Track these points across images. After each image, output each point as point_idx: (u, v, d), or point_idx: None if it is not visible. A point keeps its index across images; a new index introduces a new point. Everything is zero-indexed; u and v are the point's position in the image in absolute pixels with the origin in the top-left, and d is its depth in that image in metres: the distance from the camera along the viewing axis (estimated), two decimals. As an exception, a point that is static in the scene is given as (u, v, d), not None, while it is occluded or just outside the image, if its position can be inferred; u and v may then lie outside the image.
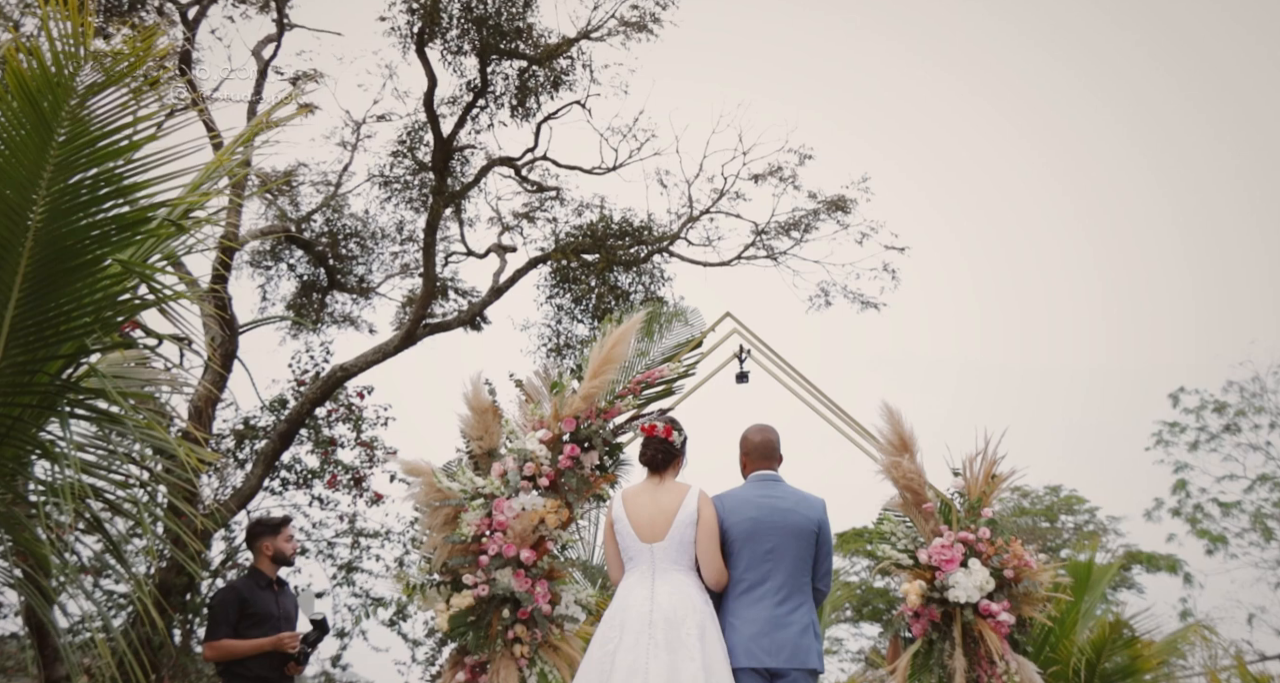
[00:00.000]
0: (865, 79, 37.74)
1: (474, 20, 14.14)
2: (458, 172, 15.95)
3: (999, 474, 5.83)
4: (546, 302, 16.31)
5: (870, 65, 37.19)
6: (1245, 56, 38.02)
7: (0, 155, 3.51)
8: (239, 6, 14.37)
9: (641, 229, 15.74)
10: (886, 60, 37.22)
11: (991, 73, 38.74)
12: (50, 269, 3.64)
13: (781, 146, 15.70)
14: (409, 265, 16.75)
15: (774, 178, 15.67)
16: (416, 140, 15.85)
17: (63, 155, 3.63)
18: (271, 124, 5.09)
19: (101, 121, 3.88)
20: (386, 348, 14.36)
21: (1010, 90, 38.25)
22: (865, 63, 37.34)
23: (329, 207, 15.90)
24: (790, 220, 15.70)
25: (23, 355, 3.66)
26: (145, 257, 4.10)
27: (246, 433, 13.06)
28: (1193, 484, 23.57)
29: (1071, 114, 37.22)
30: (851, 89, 38.34)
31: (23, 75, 3.53)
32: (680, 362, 6.50)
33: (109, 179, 3.89)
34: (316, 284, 16.50)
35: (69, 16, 3.74)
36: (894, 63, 36.44)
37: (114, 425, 3.90)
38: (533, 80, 15.05)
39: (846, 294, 15.73)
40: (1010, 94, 38.24)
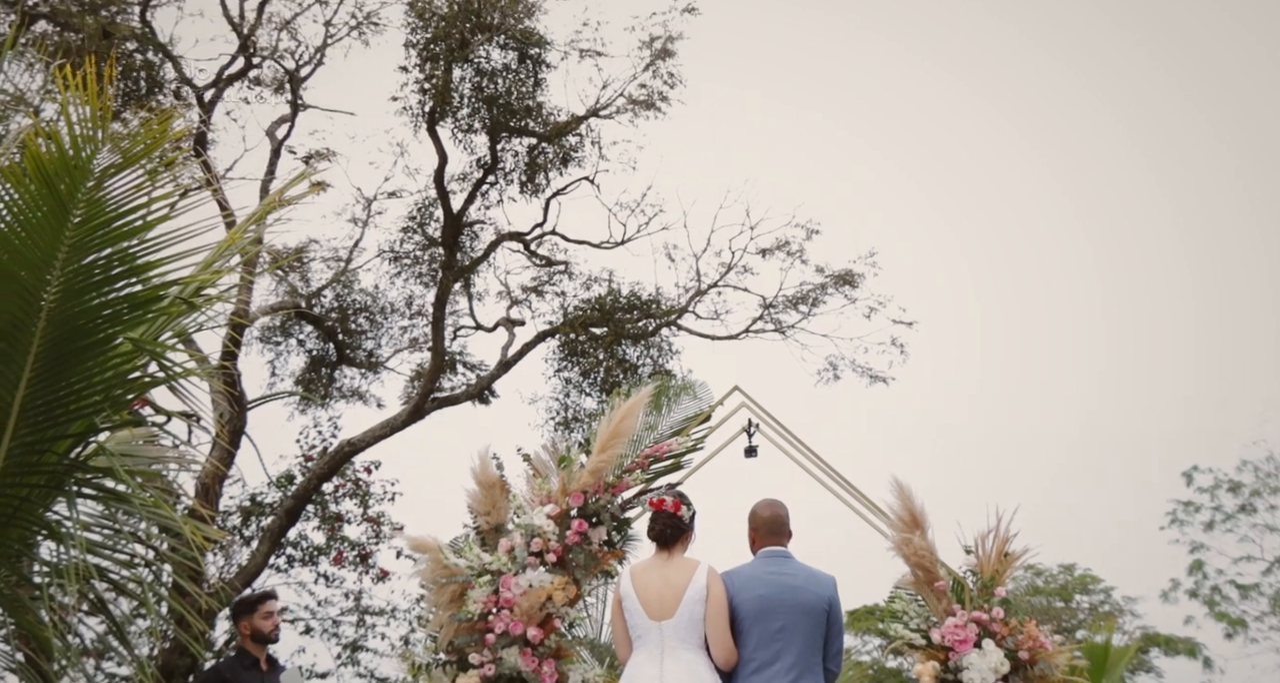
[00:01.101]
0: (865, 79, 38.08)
1: (485, 99, 14.44)
2: (467, 246, 16.12)
3: (1012, 552, 5.75)
4: (555, 375, 16.35)
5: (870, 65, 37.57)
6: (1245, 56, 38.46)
7: (17, 237, 3.56)
8: (254, 88, 14.72)
9: (649, 303, 15.83)
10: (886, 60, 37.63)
11: (991, 73, 39.14)
12: (62, 349, 3.66)
13: (789, 221, 15.86)
14: (418, 340, 16.83)
15: (781, 252, 15.79)
16: (427, 216, 16.06)
17: (78, 236, 3.68)
18: (284, 202, 5.16)
19: (116, 202, 3.95)
20: (394, 422, 14.35)
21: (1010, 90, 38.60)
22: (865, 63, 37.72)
23: (339, 282, 16.05)
24: (798, 294, 15.77)
25: (32, 435, 3.67)
26: (156, 334, 4.13)
27: (253, 510, 13.01)
28: (1209, 565, 23.28)
29: (1071, 114, 37.52)
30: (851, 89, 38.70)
31: (41, 159, 3.60)
32: (689, 436, 6.49)
33: (122, 259, 3.94)
34: (325, 359, 16.57)
35: (88, 101, 3.83)
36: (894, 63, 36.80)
37: (121, 504, 3.89)
38: (542, 157, 15.30)
39: (855, 368, 15.74)
40: (1010, 94, 38.57)
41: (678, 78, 15.05)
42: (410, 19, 14.23)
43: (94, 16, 12.28)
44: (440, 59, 14.03)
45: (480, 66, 14.41)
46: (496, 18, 14.04)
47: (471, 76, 14.45)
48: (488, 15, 13.97)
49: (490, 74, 14.50)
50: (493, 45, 14.35)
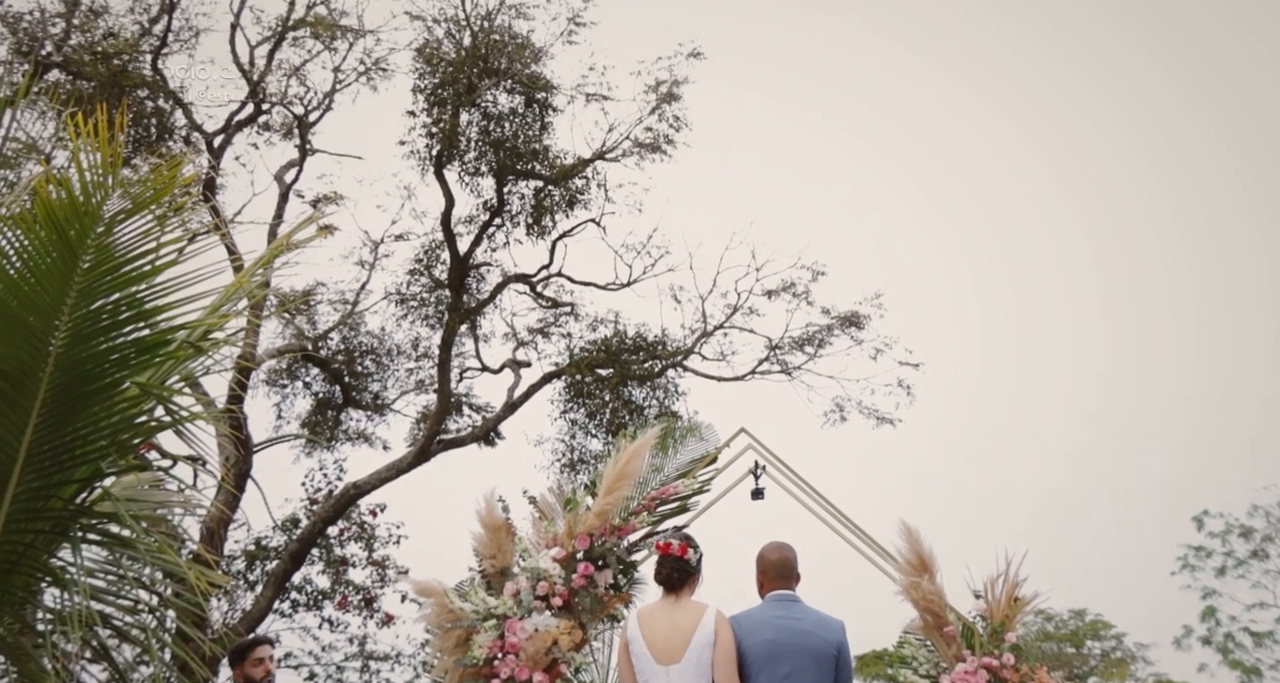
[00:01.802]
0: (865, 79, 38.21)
1: (491, 143, 14.58)
2: (474, 289, 16.19)
3: (1022, 597, 5.69)
4: (560, 417, 16.33)
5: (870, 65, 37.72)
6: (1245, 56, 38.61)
7: (26, 283, 3.58)
8: (263, 134, 14.88)
9: (655, 344, 15.84)
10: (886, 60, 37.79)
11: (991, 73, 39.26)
12: (69, 393, 3.67)
13: (795, 263, 15.91)
14: (424, 382, 16.85)
15: (787, 293, 15.83)
16: (433, 259, 16.15)
17: (86, 282, 3.70)
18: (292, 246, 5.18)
19: (125, 248, 3.97)
20: (400, 465, 14.32)
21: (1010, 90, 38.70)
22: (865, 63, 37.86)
23: (346, 325, 16.10)
24: (804, 335, 15.78)
25: (38, 481, 3.66)
26: (163, 378, 4.14)
27: (258, 554, 12.95)
28: (1222, 612, 23.05)
29: (1071, 114, 37.61)
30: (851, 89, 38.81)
31: (51, 205, 3.63)
32: (695, 478, 6.45)
33: (130, 303, 3.96)
34: (331, 402, 16.58)
35: (99, 147, 3.87)
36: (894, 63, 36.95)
37: (125, 550, 3.87)
38: (548, 199, 15.40)
39: (861, 410, 15.69)
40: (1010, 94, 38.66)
41: (683, 121, 15.20)
42: (418, 65, 14.42)
43: (106, 65, 12.46)
44: (448, 103, 14.19)
45: (487, 111, 14.57)
46: (504, 63, 14.21)
47: (479, 120, 14.61)
48: (495, 60, 14.14)
49: (497, 118, 14.66)
50: (500, 90, 14.52)
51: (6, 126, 4.40)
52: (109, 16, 13.34)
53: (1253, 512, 23.13)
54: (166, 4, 13.44)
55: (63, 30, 12.84)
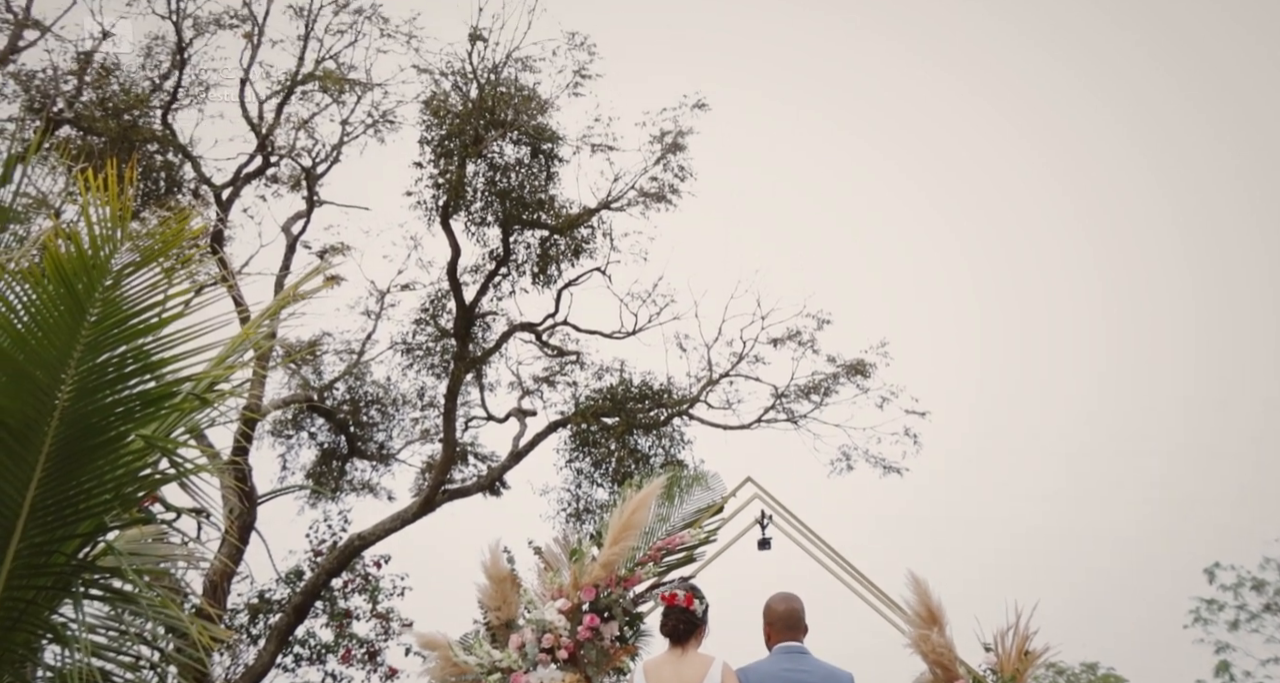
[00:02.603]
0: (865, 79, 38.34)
1: (497, 193, 14.70)
2: (479, 338, 16.22)
3: (1033, 650, 5.62)
4: (566, 466, 16.27)
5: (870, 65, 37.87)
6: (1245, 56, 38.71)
7: (33, 337, 3.59)
8: (271, 186, 15.04)
9: (661, 393, 15.83)
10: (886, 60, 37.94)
11: (991, 73, 39.36)
12: (73, 447, 3.67)
13: (800, 311, 15.94)
14: (429, 431, 16.82)
15: (793, 342, 15.84)
16: (439, 308, 16.21)
17: (93, 335, 3.71)
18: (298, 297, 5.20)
19: (133, 301, 3.98)
20: (405, 515, 14.25)
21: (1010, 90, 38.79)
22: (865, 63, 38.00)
23: (351, 374, 16.13)
24: (810, 384, 15.76)
25: (41, 536, 3.64)
26: (168, 431, 4.13)
27: (261, 607, 12.84)
28: (1236, 667, 22.71)
29: (1071, 114, 37.66)
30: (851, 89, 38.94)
31: (60, 259, 3.66)
32: (701, 527, 6.41)
33: (137, 356, 3.96)
34: (337, 452, 16.55)
35: (108, 201, 3.91)
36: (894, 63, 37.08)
37: (128, 605, 3.84)
38: (554, 249, 15.49)
39: (868, 459, 15.61)
40: (1010, 94, 38.75)
41: (688, 171, 15.32)
42: (425, 117, 14.59)
43: (116, 120, 12.63)
44: (454, 155, 14.34)
45: (494, 161, 14.72)
46: (510, 115, 14.38)
47: (485, 171, 14.75)
48: (502, 112, 14.31)
49: (503, 168, 14.80)
50: (506, 141, 14.68)
51: (17, 182, 4.45)
52: (120, 73, 13.57)
53: (1264, 564, 22.92)
54: (178, 60, 13.66)
55: (75, 87, 13.04)
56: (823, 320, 15.86)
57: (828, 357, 15.86)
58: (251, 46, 14.28)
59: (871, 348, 15.84)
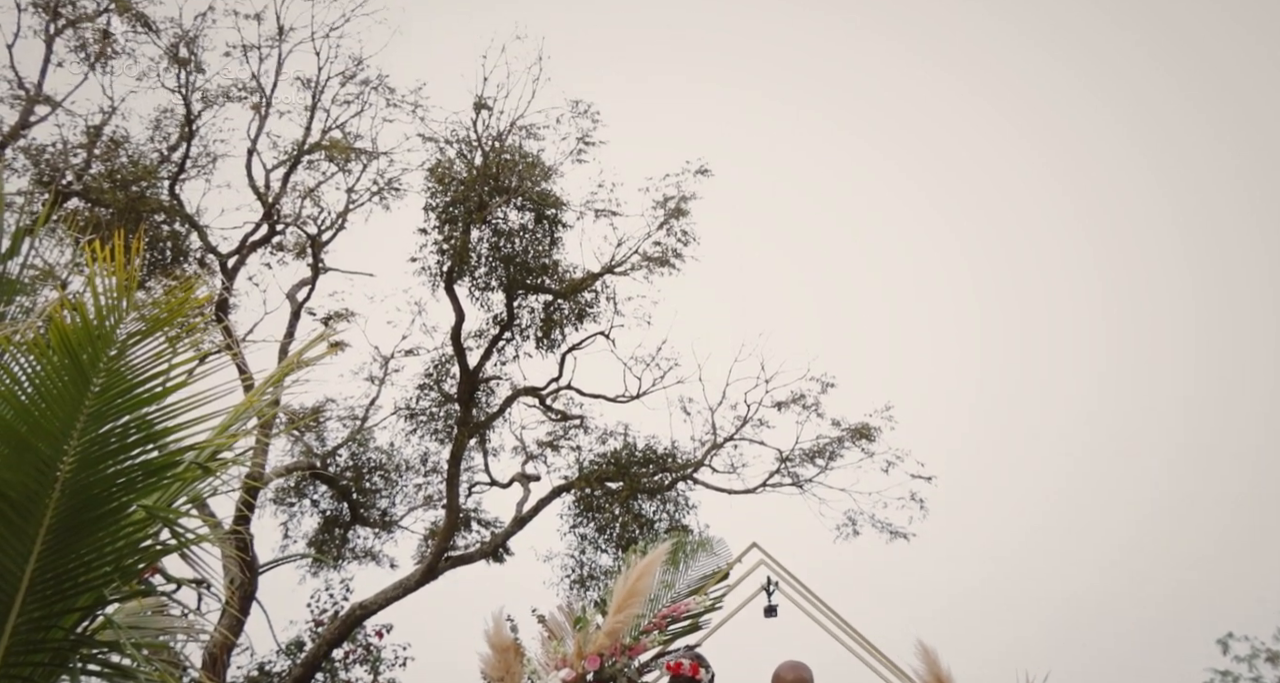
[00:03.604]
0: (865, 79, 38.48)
1: (502, 258, 14.82)
2: (483, 403, 16.21)
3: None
4: (570, 531, 16.14)
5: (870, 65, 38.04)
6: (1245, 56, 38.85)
7: (37, 408, 3.59)
8: (276, 254, 15.17)
9: (665, 457, 15.77)
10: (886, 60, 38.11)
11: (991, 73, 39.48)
12: (75, 519, 3.64)
13: (804, 374, 15.94)
14: (432, 497, 16.73)
15: (797, 405, 15.82)
16: (443, 373, 16.23)
17: (96, 405, 3.72)
18: (302, 364, 5.21)
19: (137, 370, 3.99)
20: (407, 583, 14.11)
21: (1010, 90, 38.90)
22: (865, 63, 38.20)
23: (355, 441, 16.09)
24: (814, 448, 15.70)
25: (39, 611, 3.60)
26: (170, 501, 4.10)
27: (261, 680, 12.65)
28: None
29: (1071, 114, 37.69)
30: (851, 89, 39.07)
31: (65, 330, 3.68)
32: (707, 594, 6.34)
33: (140, 426, 3.96)
34: (339, 519, 16.44)
35: (114, 272, 3.94)
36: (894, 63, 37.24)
37: (126, 680, 3.78)
38: (558, 313, 15.56)
39: (874, 523, 15.48)
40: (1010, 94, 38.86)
41: (691, 235, 15.45)
42: (430, 184, 14.77)
43: (124, 191, 12.81)
44: (459, 221, 14.48)
45: (498, 227, 14.86)
46: (515, 181, 14.56)
47: (489, 237, 14.89)
48: (506, 179, 14.49)
49: (507, 234, 14.94)
50: (510, 207, 14.83)
51: (25, 254, 4.49)
52: (129, 145, 13.79)
53: (1279, 636, 22.56)
54: (186, 132, 13.88)
55: (84, 160, 13.25)
56: (827, 384, 15.87)
57: (832, 420, 15.82)
58: (259, 117, 14.53)
59: (876, 412, 15.83)
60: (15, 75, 13.51)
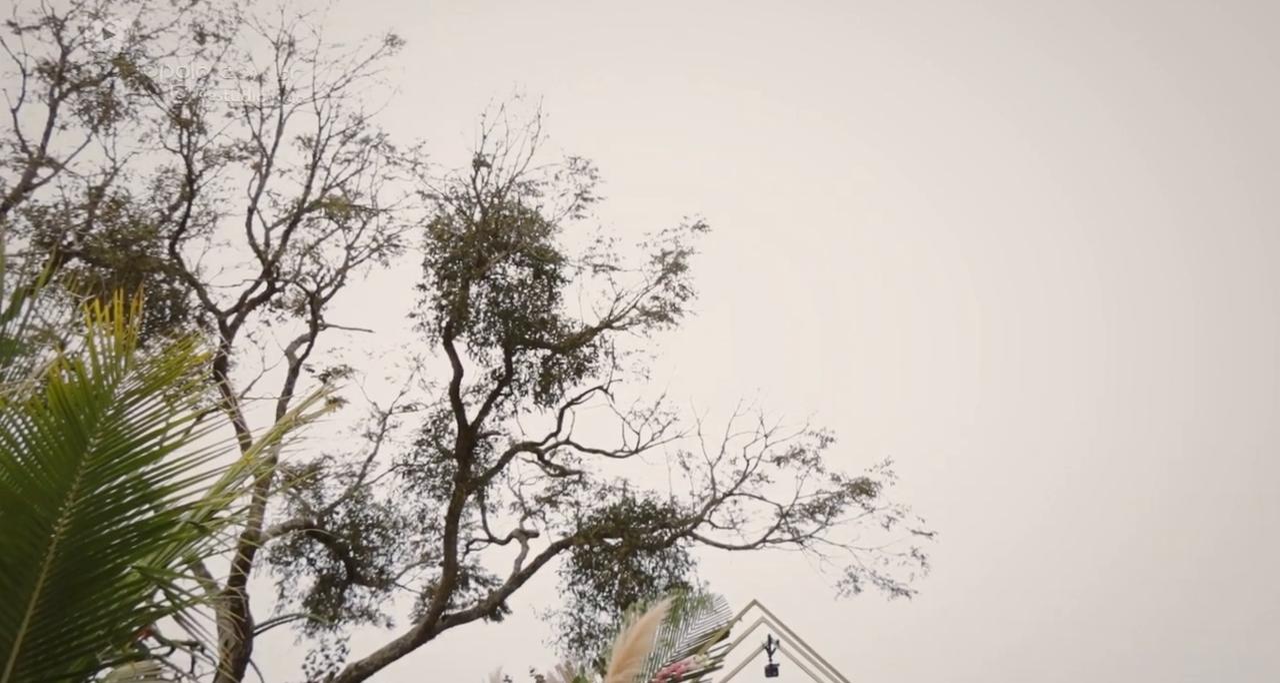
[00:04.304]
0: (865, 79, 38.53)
1: (500, 313, 14.86)
2: (481, 458, 16.14)
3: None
4: (569, 588, 15.97)
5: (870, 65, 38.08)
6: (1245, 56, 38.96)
7: (33, 469, 3.58)
8: (276, 311, 15.21)
9: (665, 512, 15.66)
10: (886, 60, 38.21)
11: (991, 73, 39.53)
12: (69, 582, 3.60)
13: (803, 429, 15.90)
14: (430, 555, 16.58)
15: (796, 460, 15.75)
16: (441, 429, 16.18)
17: (93, 466, 3.70)
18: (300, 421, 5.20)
19: (135, 430, 3.98)
20: (404, 643, 13.92)
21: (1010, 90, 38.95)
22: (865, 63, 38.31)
23: (352, 498, 15.99)
24: (815, 503, 15.60)
25: (30, 678, 3.55)
26: (165, 561, 4.06)
27: (255, 741, 12.40)
28: None
29: (1072, 114, 37.67)
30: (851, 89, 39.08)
31: (63, 390, 3.67)
32: (707, 653, 6.26)
33: (136, 485, 3.94)
34: (335, 578, 16.27)
35: (113, 331, 3.94)
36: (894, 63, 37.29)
37: (117, 747, 3.72)
38: (556, 368, 15.57)
39: (876, 580, 15.32)
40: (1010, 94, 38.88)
41: (690, 290, 15.51)
42: (429, 240, 14.87)
43: (125, 251, 12.88)
44: (458, 276, 14.55)
45: (496, 282, 14.93)
46: (513, 237, 14.66)
47: (488, 292, 14.95)
48: (505, 235, 14.59)
49: (506, 289, 15.00)
50: (509, 262, 14.92)
51: (24, 315, 4.50)
52: (130, 205, 13.91)
53: None
54: (187, 192, 14.01)
55: (85, 220, 13.35)
56: (826, 438, 15.83)
57: (832, 475, 15.75)
58: (260, 176, 14.67)
59: (876, 467, 15.76)
60: (19, 138, 13.68)
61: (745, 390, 24.15)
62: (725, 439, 15.97)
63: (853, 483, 15.60)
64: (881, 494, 15.53)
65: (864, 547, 15.37)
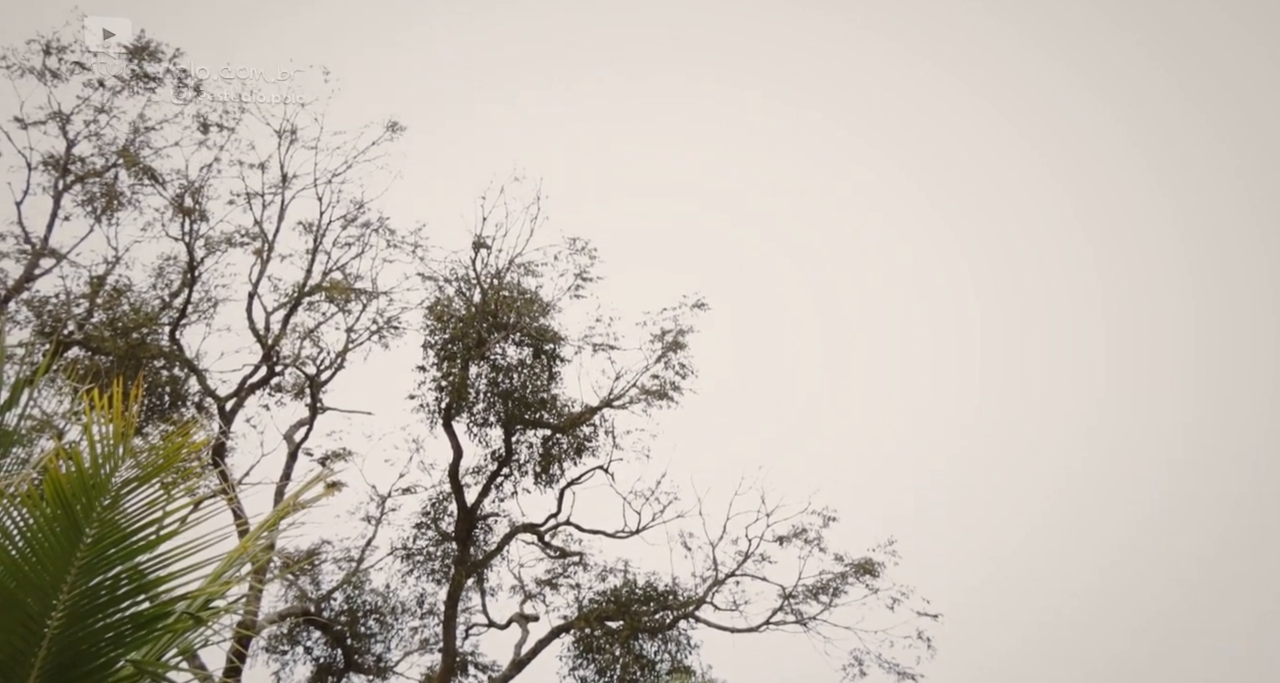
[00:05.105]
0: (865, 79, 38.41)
1: (500, 393, 14.86)
2: (480, 541, 15.98)
3: None
4: (570, 673, 15.65)
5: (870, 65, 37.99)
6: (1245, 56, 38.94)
7: (27, 563, 3.54)
8: (275, 395, 15.21)
9: (666, 594, 15.44)
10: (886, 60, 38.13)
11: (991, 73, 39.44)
12: (61, 677, 3.54)
13: (805, 508, 15.77)
14: (428, 640, 16.29)
15: (799, 540, 15.59)
16: (440, 511, 16.05)
17: (88, 557, 3.66)
18: (299, 506, 5.17)
19: (132, 518, 3.95)
20: (403, 733, 13.59)
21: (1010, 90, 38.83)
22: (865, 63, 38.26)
23: (350, 583, 15.78)
24: (818, 584, 15.39)
25: (18, 778, 3.47)
26: (160, 653, 3.99)
27: None
28: None
29: (1071, 114, 37.48)
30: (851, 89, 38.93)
31: (60, 480, 3.65)
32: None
33: (132, 576, 3.89)
34: (333, 667, 15.96)
35: (111, 419, 3.94)
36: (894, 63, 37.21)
37: None
38: (556, 448, 15.50)
39: (881, 664, 15.01)
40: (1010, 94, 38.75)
41: (689, 368, 15.53)
42: (429, 321, 14.94)
43: (125, 339, 12.94)
44: (457, 357, 14.58)
45: (496, 363, 14.96)
46: (513, 317, 14.74)
47: (487, 372, 14.97)
48: (504, 315, 14.68)
49: (506, 369, 15.03)
50: (509, 343, 14.97)
51: (23, 406, 4.50)
52: (132, 293, 14.03)
53: None
54: (188, 278, 14.12)
55: (86, 309, 13.45)
56: (829, 517, 15.69)
57: (835, 555, 15.57)
58: (261, 262, 14.81)
59: (879, 546, 15.59)
60: (23, 231, 13.86)
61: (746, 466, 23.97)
62: (727, 518, 15.83)
63: (856, 563, 15.40)
64: (885, 574, 15.33)
65: (869, 629, 15.11)
